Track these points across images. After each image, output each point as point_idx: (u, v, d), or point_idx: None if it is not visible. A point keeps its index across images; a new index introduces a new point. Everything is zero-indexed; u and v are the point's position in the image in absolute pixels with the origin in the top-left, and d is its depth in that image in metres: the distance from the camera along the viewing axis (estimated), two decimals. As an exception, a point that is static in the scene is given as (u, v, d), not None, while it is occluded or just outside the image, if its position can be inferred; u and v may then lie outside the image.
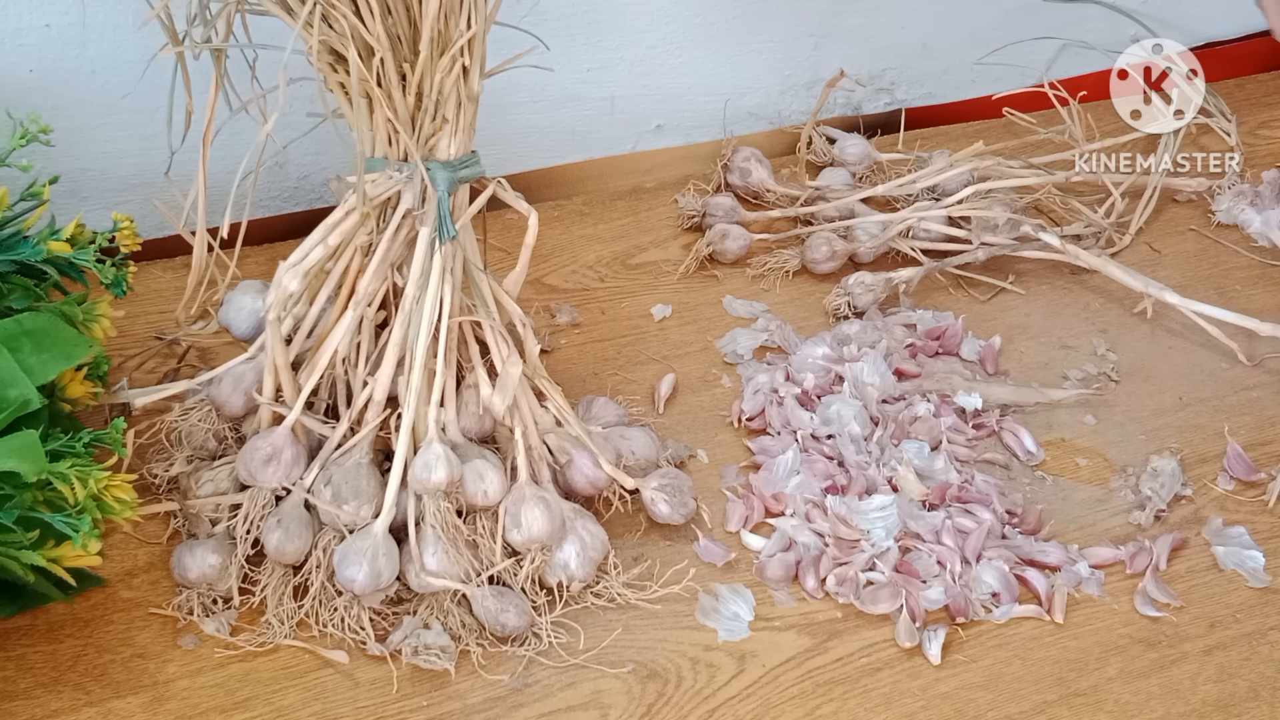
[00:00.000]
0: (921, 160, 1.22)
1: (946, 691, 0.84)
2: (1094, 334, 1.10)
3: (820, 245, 1.12)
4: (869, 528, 0.91)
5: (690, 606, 0.88)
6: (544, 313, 1.08)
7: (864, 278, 1.09)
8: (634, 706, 0.82)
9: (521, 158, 1.18)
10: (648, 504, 0.91)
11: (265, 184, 1.11)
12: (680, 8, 1.18)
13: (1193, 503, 0.97)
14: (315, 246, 0.88)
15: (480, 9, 0.82)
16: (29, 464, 0.75)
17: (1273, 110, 1.33)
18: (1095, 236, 1.17)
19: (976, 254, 1.13)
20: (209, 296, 0.95)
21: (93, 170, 1.05)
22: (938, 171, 1.17)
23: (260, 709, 0.81)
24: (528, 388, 0.90)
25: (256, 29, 0.85)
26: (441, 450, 0.84)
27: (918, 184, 1.17)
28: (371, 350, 0.89)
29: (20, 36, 0.99)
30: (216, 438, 0.90)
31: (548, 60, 0.88)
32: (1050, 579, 0.90)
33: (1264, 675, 0.86)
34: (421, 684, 0.83)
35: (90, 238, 0.89)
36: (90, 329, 0.88)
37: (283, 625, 0.84)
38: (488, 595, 0.84)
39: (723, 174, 1.20)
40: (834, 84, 1.20)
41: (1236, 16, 1.39)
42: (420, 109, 0.83)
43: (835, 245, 1.12)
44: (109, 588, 0.86)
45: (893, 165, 1.23)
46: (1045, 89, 1.16)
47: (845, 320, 1.08)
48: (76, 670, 0.82)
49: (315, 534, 0.85)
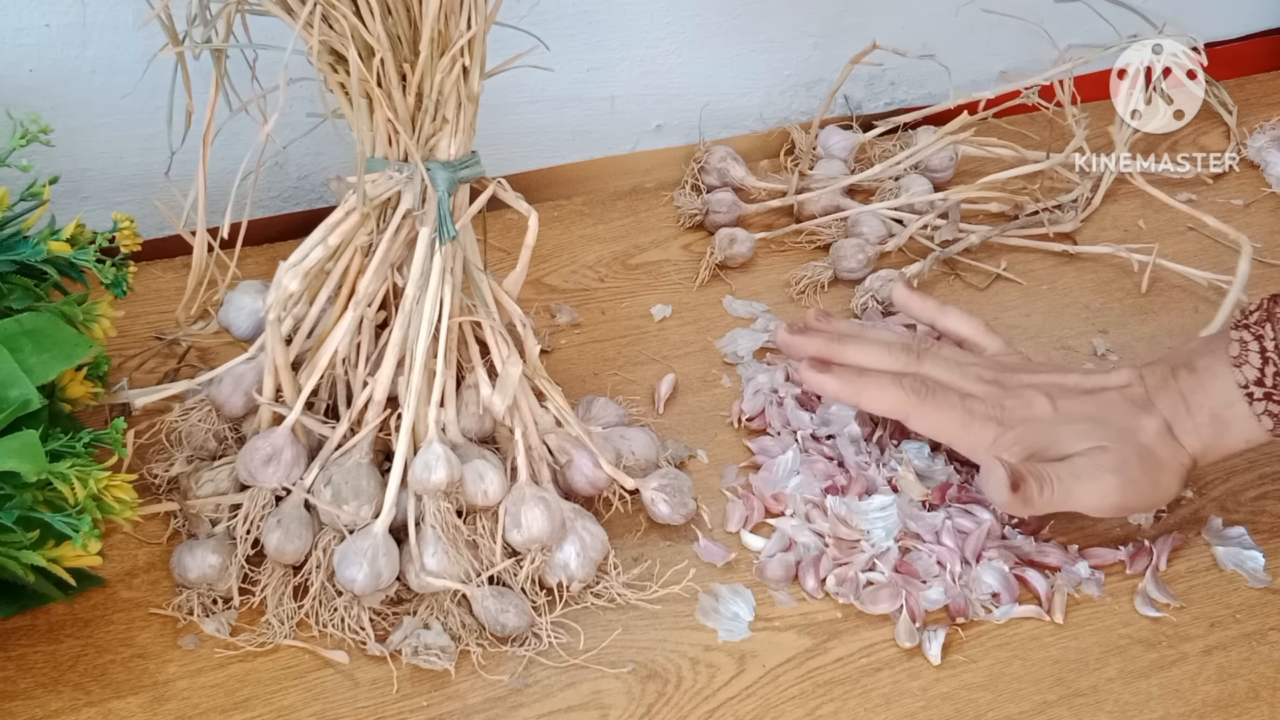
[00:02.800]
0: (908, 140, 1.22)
1: (946, 692, 0.84)
2: (1094, 334, 1.10)
3: (855, 254, 1.11)
4: (869, 528, 0.91)
5: (690, 606, 0.88)
6: (544, 313, 1.08)
7: (883, 274, 1.10)
8: (634, 706, 0.82)
9: (521, 158, 1.18)
10: (648, 504, 0.91)
11: (265, 184, 1.11)
12: (680, 8, 1.18)
13: (1193, 503, 0.97)
14: (315, 247, 0.88)
15: (480, 9, 0.82)
16: (29, 464, 0.75)
17: (1273, 110, 1.33)
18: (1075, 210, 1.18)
19: (971, 238, 1.14)
20: (209, 296, 0.95)
21: (93, 170, 1.05)
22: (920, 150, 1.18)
23: (260, 709, 0.81)
24: (528, 388, 0.90)
25: (256, 29, 0.85)
26: (441, 450, 0.84)
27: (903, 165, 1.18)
28: (371, 350, 0.89)
29: (20, 36, 0.99)
30: (216, 438, 0.90)
31: (548, 60, 0.88)
32: (1050, 579, 0.90)
33: (1264, 675, 0.86)
34: (421, 684, 0.83)
35: (90, 238, 0.89)
36: (90, 329, 0.88)
37: (283, 625, 0.84)
38: (488, 595, 0.84)
39: (699, 176, 1.19)
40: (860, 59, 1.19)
41: (1236, 16, 1.39)
42: (420, 109, 0.83)
43: (868, 251, 1.12)
44: (109, 588, 0.86)
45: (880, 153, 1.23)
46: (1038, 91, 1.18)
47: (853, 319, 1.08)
48: (76, 670, 0.82)
49: (315, 534, 0.85)
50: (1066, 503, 0.87)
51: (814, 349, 0.96)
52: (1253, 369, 0.86)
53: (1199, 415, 0.88)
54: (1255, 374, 0.85)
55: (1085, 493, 0.87)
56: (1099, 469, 0.87)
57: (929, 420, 0.91)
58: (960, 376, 0.92)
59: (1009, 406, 0.90)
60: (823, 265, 1.12)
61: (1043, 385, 0.91)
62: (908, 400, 0.91)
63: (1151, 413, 0.89)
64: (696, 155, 1.20)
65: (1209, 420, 0.88)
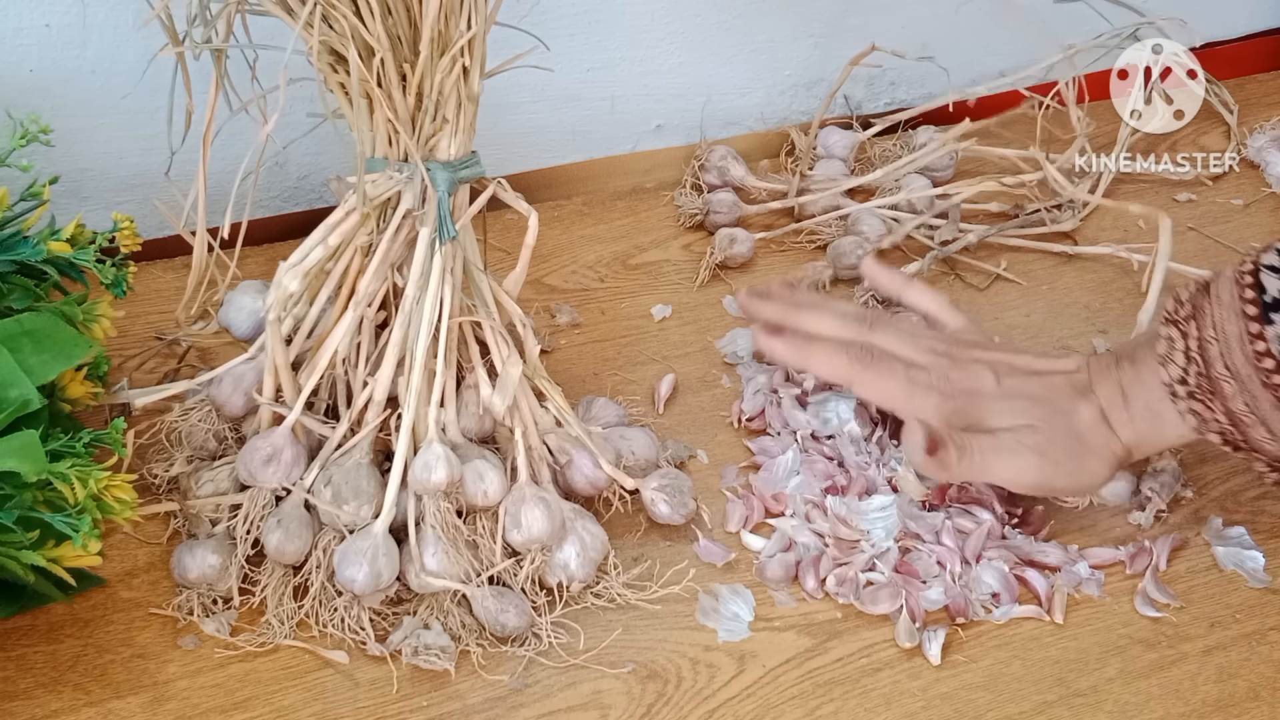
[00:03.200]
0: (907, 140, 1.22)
1: (946, 692, 0.84)
2: (1094, 334, 1.10)
3: (854, 251, 1.11)
4: (869, 528, 0.91)
5: (690, 607, 0.88)
6: (544, 313, 1.08)
7: None
8: (634, 706, 0.82)
9: (521, 158, 1.18)
10: (648, 504, 0.91)
11: (265, 184, 1.11)
12: (680, 8, 1.18)
13: (1193, 503, 0.97)
14: (315, 247, 0.88)
15: (480, 9, 0.82)
16: (29, 464, 0.75)
17: (1273, 110, 1.33)
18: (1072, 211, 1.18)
19: (969, 237, 1.14)
20: (209, 296, 0.95)
21: (93, 170, 1.05)
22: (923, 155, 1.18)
23: (260, 709, 0.81)
24: (528, 388, 0.90)
25: (256, 29, 0.85)
26: (441, 450, 0.84)
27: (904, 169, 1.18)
28: (371, 350, 0.89)
29: (20, 36, 0.99)
30: (216, 438, 0.90)
31: (548, 60, 0.88)
32: (1050, 579, 0.90)
33: (1264, 675, 0.86)
34: (421, 684, 0.83)
35: (90, 238, 0.89)
36: (90, 329, 0.88)
37: (283, 625, 0.84)
38: (488, 595, 0.84)
39: (699, 175, 1.19)
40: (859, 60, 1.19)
41: (1236, 16, 1.39)
42: (420, 109, 0.83)
43: (867, 249, 1.11)
44: (109, 588, 0.86)
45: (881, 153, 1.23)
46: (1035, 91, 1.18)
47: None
48: (76, 670, 0.82)
49: (315, 534, 0.85)
50: (985, 474, 0.89)
51: (770, 313, 0.97)
52: (1176, 368, 0.85)
53: (1134, 406, 0.88)
54: (1179, 373, 0.85)
55: (1004, 466, 0.88)
56: (1022, 446, 0.88)
57: (872, 387, 0.92)
58: (911, 348, 0.93)
59: (954, 378, 0.91)
60: (823, 265, 1.12)
61: (992, 362, 0.92)
62: (851, 367, 0.92)
63: (1089, 399, 0.89)
64: (696, 155, 1.20)
65: (1143, 412, 0.88)
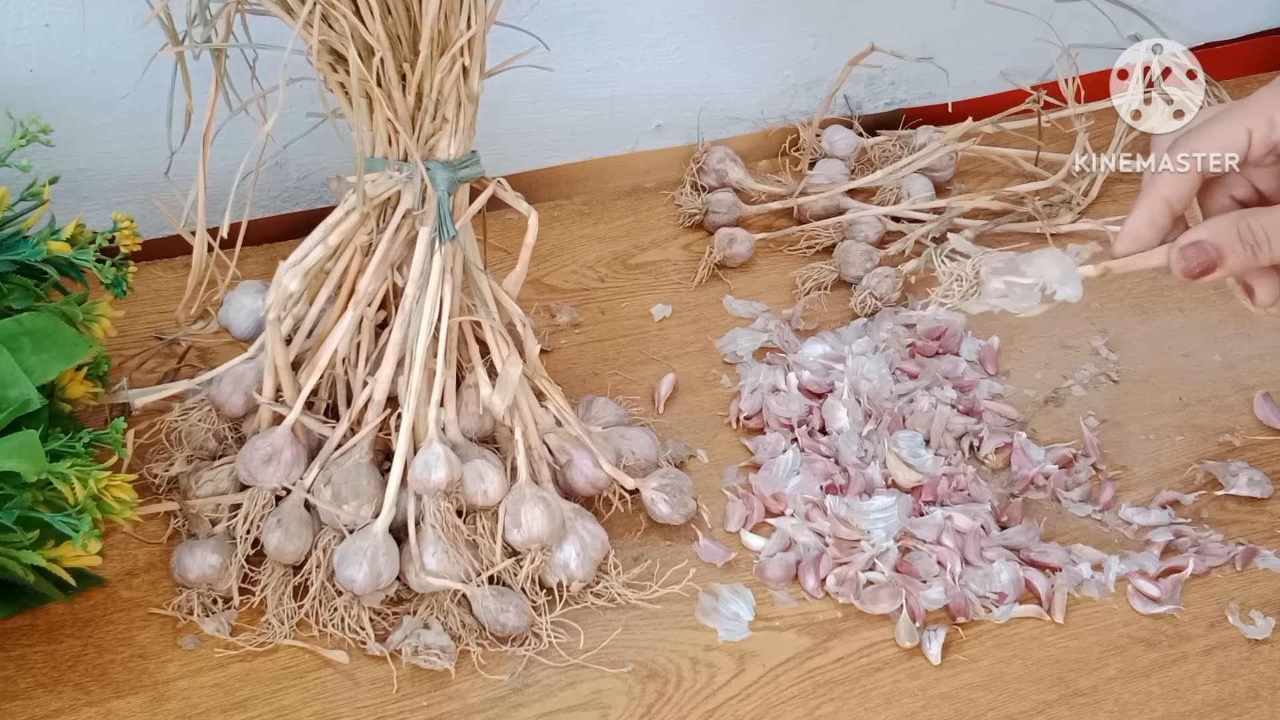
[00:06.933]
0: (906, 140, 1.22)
1: (946, 691, 0.84)
2: (1094, 334, 1.10)
3: (862, 261, 1.11)
4: (869, 528, 0.91)
5: (690, 606, 0.88)
6: (544, 313, 1.08)
7: (880, 272, 1.10)
8: (634, 706, 0.82)
9: (521, 158, 1.18)
10: (648, 504, 0.91)
11: (265, 184, 1.11)
12: (680, 8, 1.18)
13: (1193, 503, 0.97)
14: (315, 246, 0.88)
15: (480, 9, 0.82)
16: (29, 464, 0.75)
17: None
18: (1068, 206, 1.18)
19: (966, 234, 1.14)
20: (209, 296, 0.95)
21: (93, 170, 1.05)
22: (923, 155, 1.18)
23: (260, 709, 0.81)
24: (528, 388, 0.90)
25: (256, 29, 0.85)
26: (441, 450, 0.84)
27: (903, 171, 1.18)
28: (371, 350, 0.89)
29: (20, 36, 0.99)
30: (216, 438, 0.90)
31: (548, 60, 0.88)
32: (1050, 579, 0.90)
33: (1264, 675, 0.86)
34: (421, 684, 0.83)
35: (90, 238, 0.89)
36: (90, 329, 0.88)
37: (283, 625, 0.84)
38: (488, 595, 0.84)
39: (697, 176, 1.19)
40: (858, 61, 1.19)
41: (1236, 16, 1.39)
42: (420, 109, 0.83)
43: (874, 257, 1.11)
44: (109, 588, 0.86)
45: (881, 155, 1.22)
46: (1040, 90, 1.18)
47: (855, 319, 1.08)
48: (76, 670, 0.82)
49: (315, 534, 0.85)
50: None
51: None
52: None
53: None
54: None
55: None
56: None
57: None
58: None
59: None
60: (829, 268, 1.12)
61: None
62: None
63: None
64: (695, 155, 1.20)
65: None
